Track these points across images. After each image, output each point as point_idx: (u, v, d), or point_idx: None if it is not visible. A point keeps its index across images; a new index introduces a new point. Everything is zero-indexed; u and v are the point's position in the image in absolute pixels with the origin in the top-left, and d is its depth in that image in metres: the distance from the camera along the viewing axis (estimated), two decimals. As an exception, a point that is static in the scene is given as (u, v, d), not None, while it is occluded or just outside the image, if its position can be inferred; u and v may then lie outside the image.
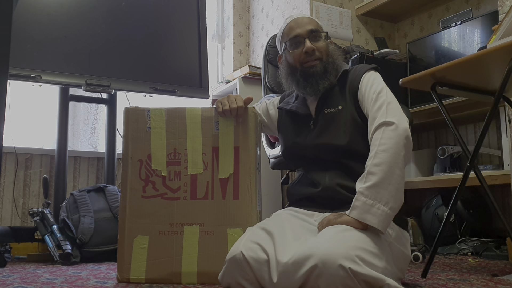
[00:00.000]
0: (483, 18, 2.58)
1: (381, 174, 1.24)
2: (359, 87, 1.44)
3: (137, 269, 1.49)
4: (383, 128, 1.30)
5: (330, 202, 1.44)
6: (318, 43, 1.49)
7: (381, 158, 1.25)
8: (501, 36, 1.51)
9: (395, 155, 1.25)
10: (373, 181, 1.24)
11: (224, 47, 3.85)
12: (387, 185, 1.23)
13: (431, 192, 2.78)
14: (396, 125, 1.29)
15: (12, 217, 2.70)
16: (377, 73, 1.48)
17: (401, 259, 1.34)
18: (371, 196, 1.23)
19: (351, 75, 1.50)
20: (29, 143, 2.85)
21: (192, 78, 2.84)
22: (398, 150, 1.26)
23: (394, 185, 1.24)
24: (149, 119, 1.57)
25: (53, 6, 2.51)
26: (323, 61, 1.48)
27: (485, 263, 2.02)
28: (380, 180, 1.24)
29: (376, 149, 1.27)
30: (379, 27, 3.35)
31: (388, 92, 1.39)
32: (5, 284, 1.49)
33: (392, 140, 1.27)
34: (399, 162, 1.26)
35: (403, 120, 1.32)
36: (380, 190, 1.23)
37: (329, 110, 1.48)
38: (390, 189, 1.23)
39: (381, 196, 1.23)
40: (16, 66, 2.32)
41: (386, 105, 1.34)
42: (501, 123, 2.40)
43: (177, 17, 2.88)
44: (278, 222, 1.34)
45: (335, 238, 1.16)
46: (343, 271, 1.07)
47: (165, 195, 1.53)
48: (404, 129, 1.29)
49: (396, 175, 1.24)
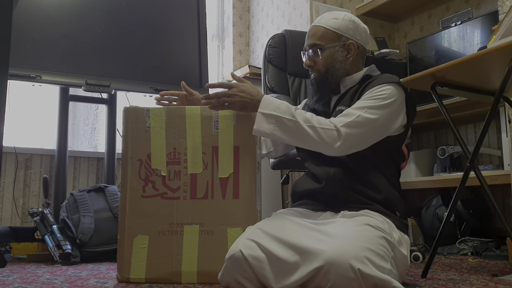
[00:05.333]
0: (483, 18, 2.58)
1: (299, 125, 1.37)
2: (368, 90, 1.46)
3: (137, 269, 1.49)
4: (336, 129, 1.37)
5: (332, 199, 1.44)
6: (316, 57, 1.54)
7: (310, 127, 1.37)
8: (501, 36, 1.51)
9: (309, 139, 1.37)
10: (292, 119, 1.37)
11: (224, 47, 3.85)
12: (289, 128, 1.38)
13: (431, 192, 2.78)
14: (339, 142, 1.36)
15: (12, 217, 2.70)
16: (393, 88, 1.44)
17: (402, 263, 1.34)
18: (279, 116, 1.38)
19: (371, 80, 1.50)
20: (29, 143, 2.85)
21: (192, 78, 2.84)
22: (312, 143, 1.37)
23: (288, 132, 1.38)
24: (149, 118, 1.57)
25: (53, 6, 2.51)
26: (321, 74, 1.54)
27: (485, 263, 2.02)
28: (294, 124, 1.37)
29: (319, 125, 1.37)
30: (379, 27, 3.35)
31: (377, 114, 1.39)
32: (5, 284, 1.49)
33: (320, 140, 1.36)
34: (307, 140, 1.38)
35: (348, 143, 1.37)
36: (283, 126, 1.38)
37: (341, 108, 1.50)
38: (287, 132, 1.38)
39: (281, 126, 1.38)
40: (16, 66, 2.32)
41: (356, 118, 1.38)
42: (501, 123, 2.40)
43: (177, 17, 2.88)
44: (277, 222, 1.34)
45: (344, 238, 1.17)
46: (353, 272, 1.07)
47: (165, 195, 1.53)
48: (337, 148, 1.36)
49: (295, 138, 1.39)
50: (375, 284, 1.09)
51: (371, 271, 1.08)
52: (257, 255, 1.21)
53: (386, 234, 1.26)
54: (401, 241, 1.36)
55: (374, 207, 1.40)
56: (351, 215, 1.36)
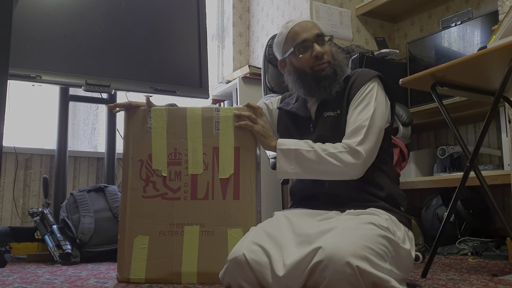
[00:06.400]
0: (483, 18, 2.58)
1: (319, 155, 1.41)
2: (356, 95, 1.46)
3: (137, 269, 1.49)
4: (354, 150, 1.39)
5: (336, 199, 1.44)
6: (325, 47, 1.52)
7: (329, 155, 1.39)
8: (501, 36, 1.51)
9: (332, 168, 1.39)
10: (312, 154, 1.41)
11: (224, 47, 3.85)
12: (311, 163, 1.41)
13: (431, 192, 2.78)
14: (360, 161, 1.38)
15: (12, 217, 2.70)
16: (376, 83, 1.47)
17: (407, 260, 1.33)
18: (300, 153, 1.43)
19: (352, 81, 1.50)
20: (29, 143, 2.85)
21: (192, 78, 2.84)
22: (336, 170, 1.39)
23: (312, 168, 1.42)
24: (150, 119, 1.57)
25: (53, 6, 2.51)
26: (331, 64, 1.51)
27: (485, 263, 2.02)
28: (315, 154, 1.41)
29: (336, 150, 1.40)
30: (379, 27, 3.35)
31: (372, 109, 1.42)
32: (5, 284, 1.49)
33: (343, 165, 1.38)
34: (324, 172, 1.41)
35: (369, 153, 1.40)
36: (304, 160, 1.42)
37: (329, 114, 1.50)
38: (309, 167, 1.42)
39: (301, 162, 1.42)
40: (16, 66, 2.32)
41: (367, 129, 1.40)
42: (501, 123, 2.40)
43: (177, 17, 2.88)
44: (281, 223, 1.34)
45: (343, 235, 1.17)
46: (350, 268, 1.07)
47: (165, 195, 1.53)
48: (361, 170, 1.39)
49: (316, 171, 1.42)
50: (374, 282, 1.09)
51: (369, 269, 1.08)
52: (260, 259, 1.21)
53: (389, 233, 1.26)
54: (406, 238, 1.36)
55: (379, 204, 1.40)
56: (357, 213, 1.36)
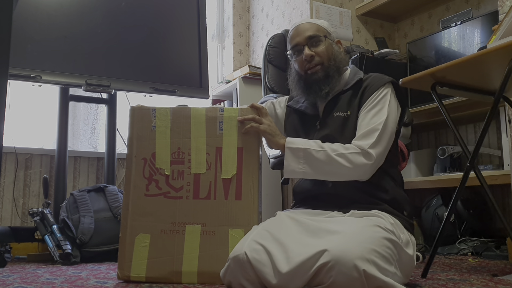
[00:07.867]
0: (483, 18, 2.58)
1: (329, 155, 1.40)
2: (368, 99, 1.47)
3: (137, 267, 1.49)
4: (365, 152, 1.39)
5: (340, 200, 1.44)
6: (318, 48, 1.53)
7: (339, 156, 1.39)
8: (501, 36, 1.51)
9: (341, 169, 1.39)
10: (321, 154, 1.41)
11: (224, 47, 3.85)
12: (320, 163, 1.41)
13: (431, 192, 2.79)
14: (370, 163, 1.39)
15: (12, 217, 2.70)
16: (390, 89, 1.49)
17: (408, 265, 1.34)
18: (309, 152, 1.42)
19: (365, 84, 1.51)
20: (29, 143, 2.84)
21: (192, 78, 2.84)
22: (345, 171, 1.39)
23: (320, 169, 1.42)
24: (154, 118, 1.57)
25: (53, 6, 2.51)
26: (324, 66, 1.52)
27: (485, 263, 2.02)
28: (324, 154, 1.40)
29: (347, 151, 1.39)
30: (379, 27, 3.35)
31: (385, 115, 1.44)
32: (5, 284, 1.49)
33: (353, 166, 1.39)
34: (335, 173, 1.41)
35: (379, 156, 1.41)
36: (313, 160, 1.41)
37: (338, 114, 1.51)
38: (318, 166, 1.41)
39: (310, 161, 1.41)
40: (16, 66, 2.32)
41: (380, 133, 1.41)
42: (501, 123, 2.40)
43: (177, 17, 2.88)
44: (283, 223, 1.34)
45: (351, 237, 1.17)
46: (357, 272, 1.07)
47: (168, 194, 1.53)
48: (366, 170, 1.40)
49: (326, 171, 1.42)
50: (379, 286, 1.09)
51: (376, 273, 1.08)
52: (262, 258, 1.21)
53: (394, 236, 1.26)
54: (408, 242, 1.36)
55: (383, 207, 1.40)
56: (361, 214, 1.36)
